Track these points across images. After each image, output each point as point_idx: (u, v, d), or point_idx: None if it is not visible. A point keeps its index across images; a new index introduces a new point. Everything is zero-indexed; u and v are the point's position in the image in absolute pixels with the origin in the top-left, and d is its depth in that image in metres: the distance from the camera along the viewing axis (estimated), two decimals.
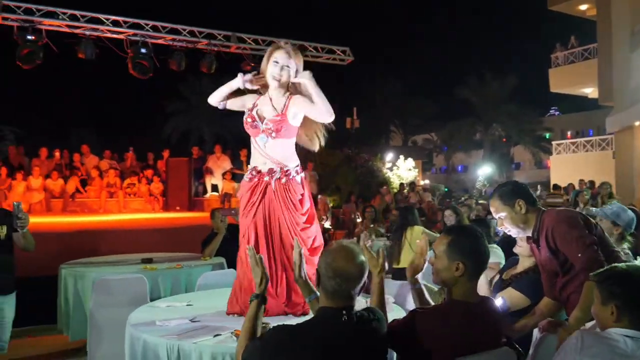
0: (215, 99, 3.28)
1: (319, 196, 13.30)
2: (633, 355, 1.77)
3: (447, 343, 1.99)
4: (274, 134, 3.04)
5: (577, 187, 13.50)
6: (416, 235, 5.64)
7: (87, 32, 9.40)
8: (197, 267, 4.85)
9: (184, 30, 10.10)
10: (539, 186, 17.62)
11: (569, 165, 21.82)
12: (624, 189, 13.18)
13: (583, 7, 20.12)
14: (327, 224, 12.17)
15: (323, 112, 2.99)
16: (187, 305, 3.25)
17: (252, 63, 10.49)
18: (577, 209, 8.43)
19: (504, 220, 2.68)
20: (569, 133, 34.73)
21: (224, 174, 12.33)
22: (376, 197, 13.69)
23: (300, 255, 2.34)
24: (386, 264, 2.34)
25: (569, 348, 1.83)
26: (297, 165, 3.16)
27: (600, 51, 16.35)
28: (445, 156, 37.47)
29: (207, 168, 12.79)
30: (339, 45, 11.41)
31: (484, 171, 30.32)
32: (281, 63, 3.01)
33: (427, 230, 5.77)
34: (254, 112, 3.11)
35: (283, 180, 3.06)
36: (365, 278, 1.98)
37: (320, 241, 3.16)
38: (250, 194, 3.10)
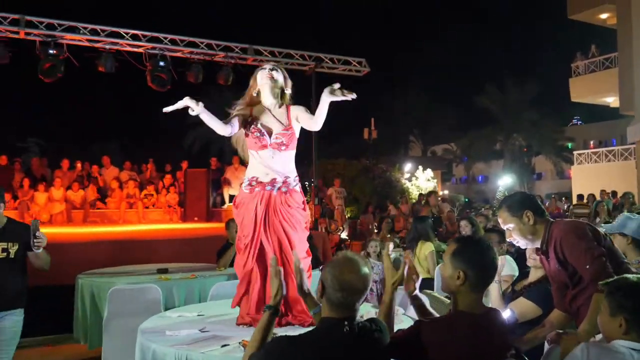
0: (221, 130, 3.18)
1: (336, 207, 13.32)
2: None
3: (452, 354, 1.97)
4: (283, 147, 3.08)
5: (598, 198, 13.30)
6: (424, 252, 5.62)
7: (107, 46, 9.59)
8: (212, 277, 4.88)
9: (202, 43, 10.24)
10: (563, 198, 17.38)
11: (591, 175, 21.47)
12: None
13: (604, 15, 19.92)
14: (344, 235, 12.17)
15: (318, 126, 3.11)
16: (198, 315, 3.28)
17: None
18: (597, 220, 8.30)
19: (512, 232, 2.66)
20: (591, 143, 34.19)
21: (241, 185, 12.41)
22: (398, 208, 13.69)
23: (300, 268, 2.31)
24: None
25: (574, 359, 1.80)
26: (297, 176, 3.21)
27: (621, 60, 16.14)
28: (465, 166, 37.17)
29: (225, 179, 12.89)
30: (355, 57, 11.45)
31: (505, 181, 29.99)
32: (268, 68, 3.19)
33: (434, 251, 5.70)
34: (258, 126, 3.12)
35: (284, 190, 3.10)
36: (368, 290, 1.98)
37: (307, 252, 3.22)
38: (251, 204, 3.11)
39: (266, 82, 3.16)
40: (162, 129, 26.63)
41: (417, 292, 2.36)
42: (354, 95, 2.93)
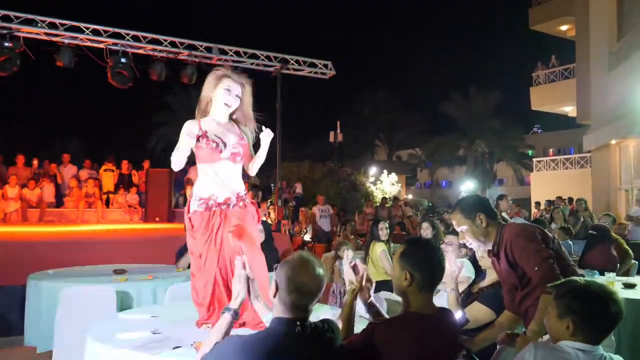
0: (178, 165, 2.99)
1: (300, 209, 13.29)
2: None
3: (403, 354, 1.99)
4: (239, 159, 2.98)
5: (554, 204, 13.70)
6: (375, 251, 5.66)
7: (66, 41, 9.34)
8: (169, 278, 4.78)
9: (165, 40, 10.07)
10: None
11: (549, 182, 22.09)
12: (600, 205, 13.37)
13: (564, 27, 20.54)
14: (307, 237, 12.17)
15: (254, 171, 3.11)
16: (152, 317, 3.20)
17: None
18: (553, 225, 8.53)
19: (465, 234, 2.70)
20: (550, 150, 35.23)
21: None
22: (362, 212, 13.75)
23: (248, 277, 2.21)
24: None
25: None
26: (245, 188, 3.10)
27: (579, 71, 16.67)
28: (430, 171, 37.73)
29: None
30: (322, 59, 11.46)
31: (467, 187, 30.56)
32: (234, 92, 2.98)
33: (386, 249, 5.74)
34: (213, 136, 2.93)
35: (240, 204, 2.99)
36: (322, 292, 1.96)
37: None
38: (207, 223, 2.96)
39: (222, 108, 2.99)
40: (128, 127, 26.15)
41: (372, 299, 2.36)
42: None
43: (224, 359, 1.82)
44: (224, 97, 2.97)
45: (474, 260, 4.30)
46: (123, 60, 9.45)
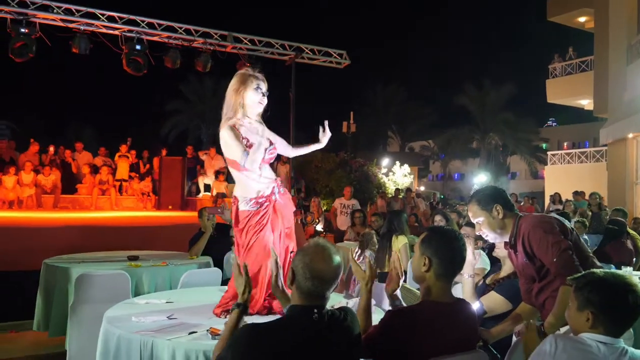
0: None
1: (312, 198, 13.26)
2: None
3: (421, 343, 1.98)
4: (272, 161, 3.16)
5: (571, 198, 13.54)
6: (397, 245, 5.62)
7: (82, 27, 9.36)
8: (183, 265, 4.80)
9: (180, 28, 10.06)
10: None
11: (563, 175, 21.86)
12: (616, 199, 13.20)
13: (582, 19, 20.19)
14: (319, 227, 12.15)
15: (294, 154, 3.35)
16: (167, 302, 3.21)
17: (248, 63, 10.46)
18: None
19: (481, 225, 2.67)
20: (565, 144, 34.84)
21: (216, 175, 12.31)
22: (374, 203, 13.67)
23: (277, 263, 2.27)
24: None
25: (542, 352, 1.82)
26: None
27: (597, 63, 16.39)
28: (442, 163, 37.54)
29: (201, 168, 12.77)
30: (336, 48, 11.39)
31: (480, 179, 30.38)
32: (263, 89, 3.06)
33: (407, 243, 5.71)
34: (253, 145, 2.97)
35: (282, 191, 3.14)
36: (339, 279, 1.95)
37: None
38: (260, 219, 3.02)
39: (257, 108, 3.07)
40: (142, 115, 26.27)
41: (397, 292, 2.34)
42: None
43: (240, 347, 1.80)
44: (257, 96, 3.03)
45: (489, 252, 4.28)
46: (138, 47, 9.47)
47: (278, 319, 1.95)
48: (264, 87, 3.06)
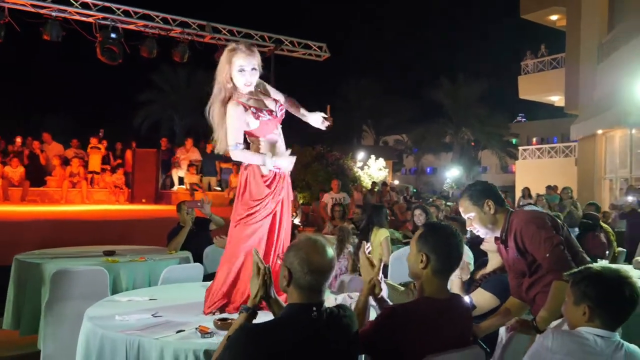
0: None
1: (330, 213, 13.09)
2: (603, 354, 1.80)
3: (417, 340, 1.97)
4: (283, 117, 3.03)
5: (542, 192, 13.82)
6: (378, 238, 5.63)
7: (54, 13, 9.05)
8: (162, 260, 4.69)
9: (157, 16, 9.84)
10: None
11: (533, 170, 22.31)
12: (585, 193, 13.54)
13: (554, 17, 20.56)
14: (297, 221, 12.10)
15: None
16: (150, 299, 3.12)
17: None
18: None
19: (472, 221, 2.66)
20: (534, 139, 35.59)
21: (188, 166, 12.14)
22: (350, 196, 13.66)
23: (269, 271, 2.07)
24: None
25: (540, 346, 1.83)
26: None
27: (568, 61, 16.73)
28: (415, 157, 37.92)
29: (176, 160, 12.57)
30: (315, 41, 11.32)
31: (452, 174, 30.81)
32: (249, 67, 2.84)
33: (389, 236, 5.71)
34: (267, 107, 2.92)
35: (288, 179, 3.04)
36: (334, 272, 1.92)
37: None
38: (270, 186, 2.91)
39: (245, 89, 2.90)
40: (112, 105, 25.69)
41: (382, 294, 2.30)
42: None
43: (239, 348, 1.75)
44: (242, 78, 2.86)
45: (471, 246, 4.31)
46: (113, 35, 9.21)
47: (276, 318, 1.90)
48: (248, 65, 2.83)
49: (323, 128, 3.06)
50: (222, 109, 2.89)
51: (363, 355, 2.14)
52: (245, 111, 2.84)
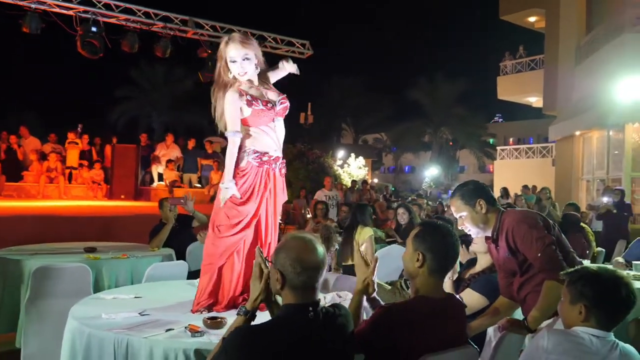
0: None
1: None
2: (598, 353, 1.81)
3: (413, 339, 1.96)
4: (287, 112, 2.99)
5: (519, 192, 14.03)
6: (363, 236, 5.64)
7: (33, 5, 8.82)
8: (145, 257, 4.62)
9: (139, 11, 9.68)
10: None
11: (511, 170, 22.66)
12: (562, 193, 13.77)
13: (532, 19, 20.83)
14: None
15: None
16: (135, 297, 3.07)
17: (209, 50, 10.20)
18: None
19: (464, 220, 2.67)
20: (511, 139, 36.11)
21: (167, 163, 12.01)
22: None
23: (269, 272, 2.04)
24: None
25: (536, 346, 1.84)
26: None
27: (547, 63, 16.99)
28: (394, 156, 38.11)
29: (155, 156, 12.42)
30: (298, 38, 11.29)
31: (431, 172, 31.05)
32: (240, 58, 2.83)
33: (373, 235, 5.73)
34: (264, 98, 2.89)
35: (283, 171, 2.98)
36: (325, 268, 1.90)
37: None
38: (258, 179, 2.86)
39: (240, 79, 2.91)
40: (89, 100, 25.25)
41: (374, 294, 2.29)
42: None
43: (235, 350, 1.72)
44: (234, 69, 2.87)
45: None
46: (94, 29, 9.01)
47: (272, 318, 1.88)
48: (239, 54, 2.82)
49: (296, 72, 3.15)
50: (219, 92, 2.92)
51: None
52: (240, 97, 2.83)
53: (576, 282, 1.90)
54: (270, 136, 2.90)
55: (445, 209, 11.75)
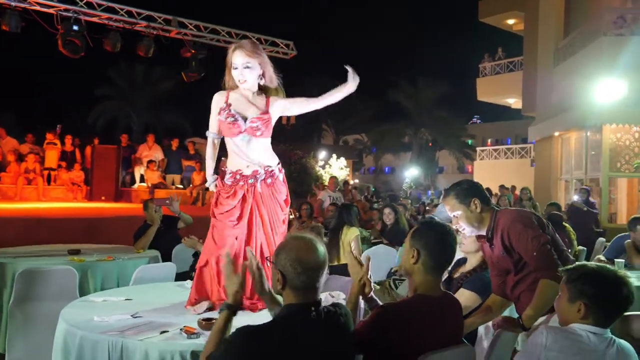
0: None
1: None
2: (596, 350, 1.84)
3: (412, 338, 1.98)
4: (258, 133, 2.91)
5: (496, 191, 14.24)
6: (349, 236, 5.65)
7: (13, 3, 8.62)
8: (130, 260, 4.56)
9: (122, 9, 9.54)
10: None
11: (490, 170, 22.97)
12: (542, 193, 13.99)
13: (510, 21, 21.16)
14: None
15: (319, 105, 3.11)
16: (126, 299, 3.03)
17: (193, 50, 10.11)
18: None
19: (459, 219, 2.69)
20: (489, 140, 36.58)
21: (148, 164, 11.87)
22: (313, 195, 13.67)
23: (259, 268, 2.13)
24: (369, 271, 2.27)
25: (535, 343, 1.86)
26: (279, 163, 3.06)
27: (526, 64, 17.23)
28: (375, 157, 38.25)
29: (137, 158, 12.26)
30: (282, 39, 11.26)
31: (411, 173, 31.27)
32: (241, 66, 2.88)
33: (359, 235, 5.74)
34: (232, 110, 2.92)
35: (269, 181, 2.96)
36: (326, 268, 1.91)
37: None
38: (232, 197, 2.93)
39: (240, 86, 2.95)
40: (67, 100, 24.82)
41: (372, 294, 2.29)
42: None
43: (236, 350, 1.71)
44: (235, 76, 2.91)
45: None
46: (75, 27, 8.84)
47: (274, 319, 1.88)
48: (241, 61, 2.86)
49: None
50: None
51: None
52: (221, 102, 2.95)
53: (576, 280, 1.91)
54: (240, 155, 2.94)
55: (427, 209, 11.85)
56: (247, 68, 2.88)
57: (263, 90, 3.03)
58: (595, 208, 9.58)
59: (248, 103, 2.96)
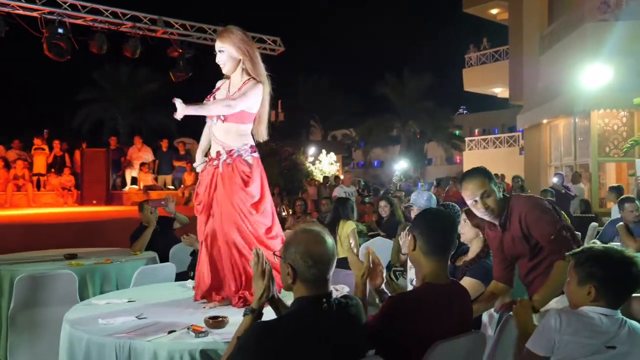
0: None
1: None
2: (608, 332, 1.85)
3: (423, 327, 1.98)
4: (222, 117, 2.90)
5: None
6: (345, 230, 5.67)
7: None
8: (128, 262, 4.54)
9: (106, 10, 9.44)
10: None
11: (479, 160, 23.03)
12: (531, 181, 14.09)
13: (494, 11, 21.23)
14: None
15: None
16: (129, 301, 3.01)
17: (180, 49, 10.04)
18: None
19: (483, 202, 2.61)
20: (476, 131, 36.77)
21: (140, 166, 11.79)
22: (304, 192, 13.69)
23: (270, 271, 2.01)
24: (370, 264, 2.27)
25: (547, 327, 1.87)
26: (246, 144, 2.98)
27: (512, 53, 17.32)
28: (363, 151, 38.29)
29: (128, 160, 12.17)
30: (268, 35, 11.20)
31: (401, 166, 31.36)
32: (217, 50, 2.98)
33: (355, 229, 5.76)
34: (214, 95, 3.05)
35: (228, 161, 2.91)
36: (336, 260, 1.90)
37: (278, 228, 3.06)
38: (200, 184, 3.03)
39: (220, 63, 3.03)
40: (51, 103, 24.52)
41: (382, 286, 2.30)
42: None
43: (251, 346, 1.71)
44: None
45: None
46: (60, 30, 8.73)
47: (287, 312, 1.88)
48: (216, 47, 2.98)
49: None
50: None
51: None
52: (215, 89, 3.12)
53: (584, 263, 1.91)
54: (214, 140, 3.00)
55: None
56: (220, 52, 2.96)
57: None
58: (570, 190, 9.78)
59: (227, 88, 3.03)
